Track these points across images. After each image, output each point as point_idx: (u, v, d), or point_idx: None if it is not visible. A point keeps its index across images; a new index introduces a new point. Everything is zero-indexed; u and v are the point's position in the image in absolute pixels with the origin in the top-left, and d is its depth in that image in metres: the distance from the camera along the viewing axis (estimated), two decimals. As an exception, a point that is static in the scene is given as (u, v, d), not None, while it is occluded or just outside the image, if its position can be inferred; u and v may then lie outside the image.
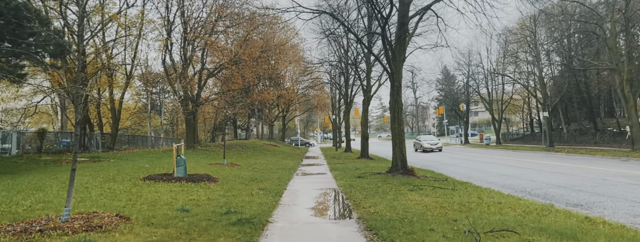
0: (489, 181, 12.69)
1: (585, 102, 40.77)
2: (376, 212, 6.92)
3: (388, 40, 12.32)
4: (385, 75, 24.71)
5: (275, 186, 10.77)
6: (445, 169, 17.19)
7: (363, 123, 23.88)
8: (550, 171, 15.17)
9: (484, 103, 44.78)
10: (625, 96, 25.48)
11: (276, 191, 9.76)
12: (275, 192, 9.56)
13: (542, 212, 6.66)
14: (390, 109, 12.59)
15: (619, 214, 7.32)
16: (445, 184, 10.52)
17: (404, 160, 12.28)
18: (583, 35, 34.72)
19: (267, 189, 10.00)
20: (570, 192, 10.15)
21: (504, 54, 41.69)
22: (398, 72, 12.19)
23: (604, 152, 25.78)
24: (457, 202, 7.70)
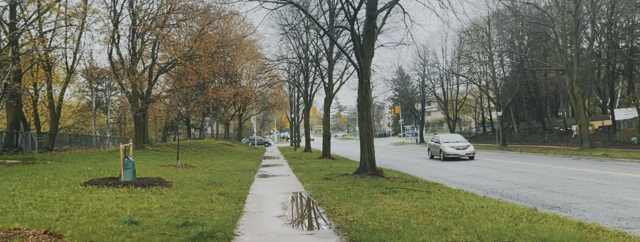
0: (456, 182, 12.38)
1: (534, 103, 42.40)
2: (355, 220, 6.21)
3: (357, 34, 11.71)
4: (346, 74, 24.23)
5: (236, 190, 9.83)
6: (409, 168, 16.86)
7: (325, 122, 23.24)
8: (513, 171, 15.16)
9: (439, 103, 45.56)
10: (574, 96, 26.44)
11: (239, 196, 8.84)
12: (238, 197, 8.64)
13: (532, 218, 6.22)
14: (358, 106, 11.99)
15: (601, 217, 7.04)
16: (418, 186, 10.01)
17: (372, 160, 11.71)
18: (533, 38, 35.98)
19: (228, 194, 9.05)
20: (542, 192, 9.94)
21: (458, 54, 42.56)
22: (367, 68, 11.61)
23: (555, 150, 26.64)
24: (438, 207, 7.14)
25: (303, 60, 26.16)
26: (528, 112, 45.64)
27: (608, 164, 17.10)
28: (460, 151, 20.67)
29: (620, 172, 13.29)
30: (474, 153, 21.22)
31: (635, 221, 6.69)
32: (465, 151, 20.76)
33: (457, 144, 21.32)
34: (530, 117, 45.23)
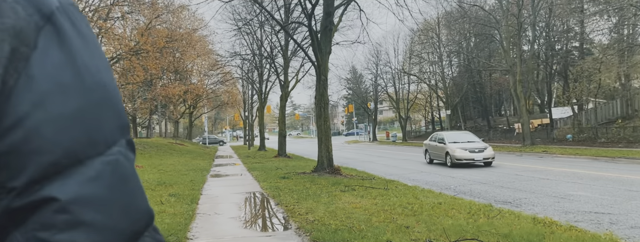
0: (411, 179, 12.55)
1: (480, 102, 44.26)
2: (316, 220, 6.04)
3: (314, 31, 11.55)
4: (302, 72, 24.05)
5: (188, 190, 9.38)
6: (364, 166, 16.94)
7: (281, 120, 22.93)
8: (463, 167, 15.62)
9: (392, 102, 46.48)
10: (517, 96, 27.79)
11: (191, 197, 8.42)
12: (190, 198, 8.23)
13: (489, 214, 6.33)
14: (316, 104, 11.84)
15: (550, 211, 7.31)
16: (375, 184, 10.01)
17: (330, 158, 11.61)
18: (479, 39, 37.50)
19: (179, 195, 8.61)
20: (493, 188, 10.26)
21: (410, 54, 43.59)
22: (325, 65, 11.47)
23: (500, 147, 27.87)
24: (397, 205, 7.13)
25: (257, 57, 25.67)
26: (474, 111, 47.59)
27: (548, 160, 18.07)
28: (476, 155, 14.97)
29: (561, 168, 14.04)
30: (494, 157, 15.43)
31: (581, 214, 7.01)
32: (482, 154, 15.11)
33: (471, 145, 15.64)
34: (476, 116, 47.18)
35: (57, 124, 0.35)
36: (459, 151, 15.23)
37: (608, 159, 17.65)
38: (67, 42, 0.38)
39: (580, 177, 11.48)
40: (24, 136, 0.34)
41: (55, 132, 0.35)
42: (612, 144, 25.02)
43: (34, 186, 0.34)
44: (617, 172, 12.25)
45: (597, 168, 13.71)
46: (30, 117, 0.34)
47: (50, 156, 0.35)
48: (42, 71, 0.35)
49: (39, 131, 0.34)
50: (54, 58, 0.36)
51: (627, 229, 5.88)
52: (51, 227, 0.34)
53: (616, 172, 12.26)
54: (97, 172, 0.36)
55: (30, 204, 0.34)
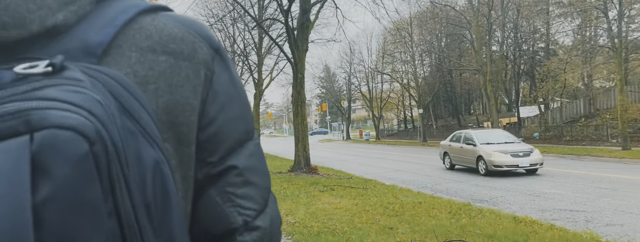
0: (388, 177, 12.55)
1: (450, 101, 45.09)
2: (297, 222, 5.88)
3: (291, 27, 11.35)
4: (276, 70, 23.75)
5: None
6: (340, 165, 16.87)
7: (255, 119, 22.57)
8: (437, 166, 15.75)
9: (365, 100, 46.74)
10: (487, 95, 28.40)
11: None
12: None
13: (470, 213, 6.33)
14: (292, 102, 11.65)
15: (527, 209, 7.40)
16: (354, 183, 9.94)
17: (307, 157, 11.46)
18: (450, 39, 38.16)
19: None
20: (469, 186, 10.36)
21: (383, 53, 43.92)
22: (302, 63, 11.30)
23: (471, 146, 28.47)
24: (379, 205, 7.06)
25: (230, 54, 25.20)
26: (445, 110, 48.46)
27: (519, 157, 18.49)
28: (520, 160, 11.61)
29: (532, 166, 14.35)
30: (542, 162, 12.04)
31: (557, 212, 7.12)
32: (529, 158, 11.73)
33: (511, 146, 12.19)
34: (446, 115, 48.05)
35: (232, 122, 0.55)
36: (498, 155, 11.73)
37: (574, 156, 18.24)
38: (229, 66, 0.57)
39: (552, 175, 11.75)
40: (215, 130, 0.53)
41: (232, 127, 0.54)
42: (576, 141, 25.95)
43: (222, 160, 0.53)
44: (585, 170, 12.63)
45: (565, 166, 14.10)
46: (217, 118, 0.53)
47: (230, 141, 0.54)
48: (220, 88, 0.54)
49: (224, 127, 0.54)
50: (224, 78, 0.55)
51: (602, 226, 6.00)
52: (234, 185, 0.53)
53: (584, 170, 12.64)
54: (252, 151, 0.56)
55: (221, 170, 0.53)
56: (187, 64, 0.50)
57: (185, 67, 0.50)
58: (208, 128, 0.52)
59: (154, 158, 0.40)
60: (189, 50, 0.51)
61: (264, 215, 0.55)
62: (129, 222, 0.36)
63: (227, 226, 0.53)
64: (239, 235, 0.53)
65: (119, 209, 0.35)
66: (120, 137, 0.36)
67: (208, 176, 0.53)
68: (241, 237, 0.53)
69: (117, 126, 0.37)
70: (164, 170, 0.41)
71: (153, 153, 0.40)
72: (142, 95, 0.43)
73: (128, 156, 0.37)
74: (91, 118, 0.34)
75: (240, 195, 0.54)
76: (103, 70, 0.41)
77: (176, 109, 0.48)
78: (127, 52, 0.46)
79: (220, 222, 0.53)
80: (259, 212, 0.55)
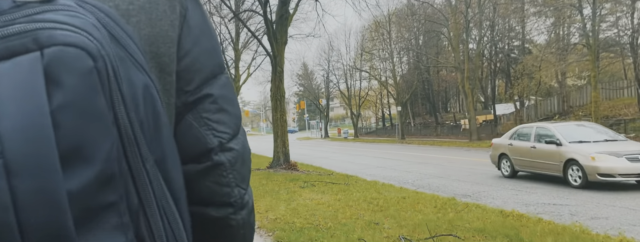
0: (369, 174, 12.37)
1: (428, 98, 45.43)
2: (278, 218, 5.59)
3: (269, 20, 11.01)
4: (254, 66, 23.30)
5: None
6: (320, 162, 16.63)
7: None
8: (417, 162, 15.72)
9: (343, 98, 46.64)
10: (465, 92, 28.66)
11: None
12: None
13: (455, 207, 6.17)
14: (271, 97, 11.33)
15: (510, 204, 7.31)
16: (335, 179, 9.69)
17: (286, 153, 11.16)
18: (428, 37, 38.39)
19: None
20: (450, 182, 10.26)
21: (361, 51, 43.88)
22: (281, 56, 10.98)
23: (449, 143, 28.67)
24: (361, 200, 6.83)
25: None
26: (422, 108, 48.81)
27: (497, 154, 18.64)
28: None
29: (511, 161, 14.43)
30: None
31: (541, 206, 7.04)
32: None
33: (622, 146, 8.84)
34: (424, 112, 48.42)
35: (205, 54, 0.58)
36: (605, 159, 8.17)
37: (550, 152, 18.50)
38: (200, 5, 0.61)
39: (531, 169, 11.78)
40: (191, 61, 0.56)
41: (206, 59, 0.58)
42: (550, 138, 26.43)
43: (197, 89, 0.57)
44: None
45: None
46: (192, 50, 0.57)
47: (205, 72, 0.58)
48: (193, 23, 0.57)
49: (198, 58, 0.57)
50: (197, 15, 0.59)
51: (587, 220, 5.92)
52: (209, 111, 0.57)
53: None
54: (224, 82, 0.60)
55: (198, 98, 0.57)
56: (164, 0, 0.53)
57: (162, 3, 0.53)
58: (184, 59, 0.56)
59: (143, 81, 0.43)
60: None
61: (237, 139, 0.59)
62: (127, 134, 0.38)
63: (204, 146, 0.56)
64: (214, 154, 0.57)
65: (118, 120, 0.38)
66: (115, 59, 0.39)
67: (185, 103, 0.56)
68: (216, 156, 0.57)
69: (112, 49, 0.39)
70: (153, 93, 0.44)
71: (142, 77, 0.43)
72: (127, 26, 0.45)
73: (122, 78, 0.39)
74: (91, 38, 0.38)
75: (215, 120, 0.57)
76: (89, 1, 0.43)
77: (157, 40, 0.51)
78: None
79: (197, 143, 0.56)
80: (232, 136, 0.58)
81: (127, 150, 0.38)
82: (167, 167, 0.45)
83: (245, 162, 0.60)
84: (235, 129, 0.59)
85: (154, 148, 0.42)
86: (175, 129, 0.56)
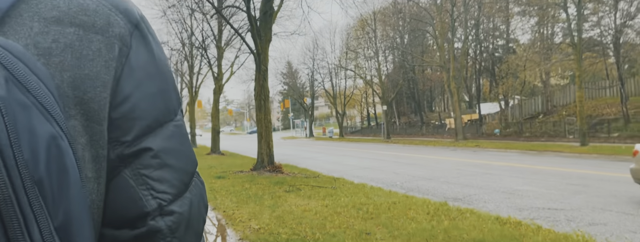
0: (356, 175, 12.04)
1: (413, 97, 45.44)
2: (262, 227, 5.20)
3: (253, 16, 10.57)
4: (237, 64, 22.76)
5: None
6: (305, 163, 16.25)
7: (214, 115, 21.54)
8: (405, 163, 15.47)
9: (328, 97, 46.31)
10: (451, 91, 28.60)
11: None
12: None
13: (449, 214, 5.86)
14: (255, 96, 10.89)
15: (503, 208, 7.06)
16: (322, 182, 9.33)
17: (271, 155, 10.74)
18: (413, 36, 38.31)
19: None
20: (439, 184, 9.99)
21: (346, 49, 43.61)
22: (265, 54, 10.56)
23: (435, 142, 28.59)
24: (350, 206, 6.48)
25: (187, 46, 23.95)
26: (407, 107, 48.83)
27: (483, 154, 18.54)
28: None
29: (499, 162, 14.29)
30: None
31: (536, 210, 6.80)
32: None
33: None
34: (409, 112, 48.44)
35: (149, 100, 0.51)
36: None
37: (535, 152, 18.46)
38: (148, 42, 0.54)
39: (521, 171, 11.63)
40: (130, 107, 0.49)
41: (148, 105, 0.51)
42: (535, 137, 26.56)
43: (137, 140, 0.50)
44: (551, 166, 12.63)
45: (531, 162, 14.13)
46: (133, 95, 0.50)
47: (147, 120, 0.51)
48: (137, 64, 0.51)
49: (139, 105, 0.50)
50: (142, 54, 0.52)
51: (586, 226, 5.68)
52: (149, 167, 0.50)
53: (550, 166, 12.63)
54: (171, 132, 0.53)
55: (136, 151, 0.50)
56: (99, 37, 0.47)
57: (97, 41, 0.47)
58: (122, 105, 0.49)
59: (49, 132, 0.38)
60: (102, 23, 0.48)
61: (182, 200, 0.52)
62: (6, 199, 0.33)
63: (140, 209, 0.50)
64: (151, 219, 0.50)
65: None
66: (9, 109, 0.35)
67: (122, 156, 0.50)
68: (154, 221, 0.50)
69: (4, 98, 0.35)
70: (61, 145, 0.39)
71: (49, 127, 0.38)
72: (40, 68, 0.40)
73: (20, 129, 0.35)
74: None
75: (155, 178, 0.50)
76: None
77: (84, 84, 0.45)
78: (28, 22, 0.43)
79: (133, 205, 0.50)
80: (175, 197, 0.52)
81: (6, 223, 0.32)
82: (71, 236, 0.39)
83: (190, 226, 0.53)
84: (181, 187, 0.52)
85: (55, 212, 0.37)
86: (109, 185, 0.49)
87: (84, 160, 0.43)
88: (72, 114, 0.43)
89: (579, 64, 20.04)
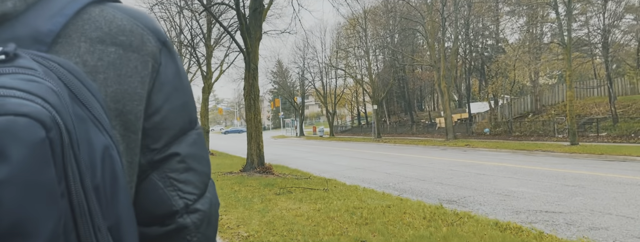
0: (347, 176, 11.83)
1: (403, 97, 45.39)
2: (251, 235, 4.93)
3: (242, 13, 10.26)
4: (227, 63, 22.37)
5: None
6: (295, 163, 16.00)
7: (203, 114, 21.13)
8: (396, 162, 15.30)
9: (319, 96, 46.05)
10: (441, 90, 28.53)
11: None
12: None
13: (446, 218, 5.65)
14: (245, 96, 10.59)
15: (500, 211, 6.90)
16: (312, 183, 9.07)
17: (261, 156, 10.45)
18: (403, 35, 38.20)
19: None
20: (433, 185, 9.82)
21: (336, 48, 43.38)
22: (255, 52, 10.26)
23: (425, 141, 28.51)
24: (344, 210, 6.24)
25: (176, 45, 23.46)
26: (398, 106, 48.79)
27: (474, 153, 18.46)
28: None
29: (491, 162, 14.18)
30: None
31: (533, 213, 6.63)
32: None
33: None
34: (399, 111, 48.39)
35: (176, 111, 0.56)
36: None
37: (526, 152, 18.42)
38: (175, 59, 0.58)
39: (514, 171, 11.50)
40: (160, 119, 0.54)
41: (176, 116, 0.56)
42: (525, 137, 26.62)
43: (165, 147, 0.55)
44: (544, 166, 12.53)
45: (523, 162, 14.03)
46: (163, 107, 0.55)
47: (174, 130, 0.56)
48: (166, 79, 0.55)
49: (168, 116, 0.55)
50: (170, 70, 0.56)
51: (586, 230, 5.51)
52: (176, 170, 0.55)
53: (543, 166, 12.54)
54: (194, 139, 0.58)
55: (164, 157, 0.55)
56: (135, 55, 0.51)
57: (134, 59, 0.51)
58: (153, 117, 0.54)
59: (103, 143, 0.42)
60: (137, 42, 0.52)
61: (204, 199, 0.57)
62: (80, 203, 0.38)
63: (169, 208, 0.54)
64: (179, 217, 0.55)
65: (71, 190, 0.37)
66: (73, 123, 0.38)
67: (151, 162, 0.55)
68: (182, 219, 0.55)
69: (70, 113, 0.39)
70: (113, 154, 0.43)
71: (102, 138, 0.42)
72: (91, 84, 0.44)
73: (80, 140, 0.39)
74: (46, 106, 0.36)
75: (181, 180, 0.55)
76: (53, 58, 0.42)
77: (124, 98, 0.50)
78: (76, 42, 0.47)
79: (162, 205, 0.54)
80: (199, 197, 0.57)
81: (78, 221, 0.37)
82: (121, 234, 0.44)
83: (211, 222, 0.59)
84: (203, 188, 0.58)
85: (109, 214, 0.42)
86: (139, 188, 0.54)
87: (123, 166, 0.46)
88: (114, 125, 0.48)
89: (569, 64, 20.05)
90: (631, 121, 22.58)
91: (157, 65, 0.54)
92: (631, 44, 26.00)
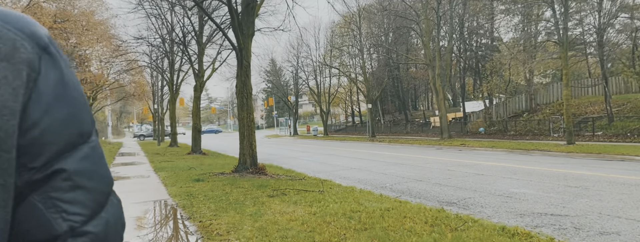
0: (343, 176, 11.51)
1: (398, 95, 45.17)
2: (242, 242, 4.58)
3: (234, 9, 9.90)
4: (219, 60, 21.95)
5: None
6: (289, 163, 15.65)
7: (195, 113, 20.70)
8: (392, 162, 15.00)
9: (313, 95, 45.68)
10: (436, 89, 28.30)
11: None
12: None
13: (449, 223, 5.34)
14: (237, 93, 10.22)
15: (502, 214, 6.60)
16: (307, 185, 8.73)
17: (254, 156, 10.09)
18: (398, 34, 37.94)
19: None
20: (431, 186, 9.52)
21: (331, 47, 43.03)
22: (247, 49, 9.90)
23: (420, 141, 28.26)
24: (340, 214, 5.91)
25: (167, 43, 23.01)
26: (392, 105, 48.56)
27: (470, 153, 18.21)
28: None
29: (489, 162, 13.93)
30: None
31: (538, 217, 6.34)
32: None
33: None
34: (394, 110, 48.17)
35: (59, 124, 0.51)
36: None
37: (523, 151, 18.21)
38: (58, 66, 0.52)
39: (513, 172, 11.24)
40: (39, 133, 0.49)
41: (59, 130, 0.51)
42: (520, 136, 26.47)
43: (47, 165, 0.50)
44: (542, 165, 12.30)
45: (521, 161, 13.80)
46: (42, 120, 0.49)
47: (57, 145, 0.50)
48: (46, 88, 0.50)
49: (48, 130, 0.50)
50: (51, 78, 0.51)
51: (596, 235, 5.23)
52: (60, 190, 0.50)
53: (542, 166, 12.30)
54: (86, 154, 0.53)
55: (47, 175, 0.49)
56: (4, 64, 0.46)
57: (3, 68, 0.46)
58: (30, 131, 0.49)
59: None
60: (7, 49, 0.47)
61: (97, 220, 0.53)
62: None
63: (49, 232, 0.49)
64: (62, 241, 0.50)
65: None
66: None
67: (30, 182, 0.49)
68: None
69: None
70: None
71: None
72: None
73: None
74: None
75: (66, 200, 0.51)
76: None
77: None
78: None
79: (41, 229, 0.49)
80: (89, 218, 0.52)
81: None
82: None
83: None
84: (96, 208, 0.53)
85: None
86: (16, 212, 0.49)
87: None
88: None
89: (566, 62, 19.87)
90: (627, 120, 22.48)
91: (34, 74, 0.48)
92: (626, 42, 25.91)
